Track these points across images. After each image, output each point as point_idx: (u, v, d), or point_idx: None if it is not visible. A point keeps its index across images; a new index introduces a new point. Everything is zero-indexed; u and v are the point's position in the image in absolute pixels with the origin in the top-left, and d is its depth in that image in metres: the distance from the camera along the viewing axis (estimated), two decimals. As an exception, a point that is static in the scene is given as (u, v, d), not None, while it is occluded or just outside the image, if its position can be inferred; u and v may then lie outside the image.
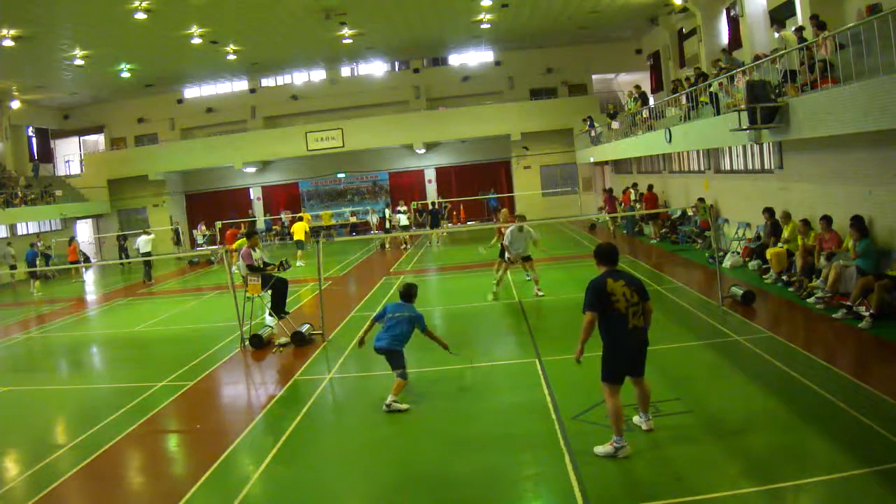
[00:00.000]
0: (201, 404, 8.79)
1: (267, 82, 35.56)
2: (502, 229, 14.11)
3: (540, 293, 13.35)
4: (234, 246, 13.18)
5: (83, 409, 8.93)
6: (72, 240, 26.32)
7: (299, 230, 22.73)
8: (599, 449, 5.88)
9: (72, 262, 24.34)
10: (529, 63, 33.43)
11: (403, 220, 26.33)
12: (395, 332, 7.71)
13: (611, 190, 25.77)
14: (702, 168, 19.60)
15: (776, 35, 13.33)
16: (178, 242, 30.90)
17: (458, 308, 13.42)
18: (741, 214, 16.37)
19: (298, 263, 21.35)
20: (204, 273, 23.85)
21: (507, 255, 13.38)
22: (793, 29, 12.82)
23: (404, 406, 7.51)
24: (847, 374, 7.29)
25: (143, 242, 22.25)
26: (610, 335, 5.91)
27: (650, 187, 22.78)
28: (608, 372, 5.97)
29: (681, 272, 14.99)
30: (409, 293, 8.03)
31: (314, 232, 32.98)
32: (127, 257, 28.73)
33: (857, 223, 10.07)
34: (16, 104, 30.33)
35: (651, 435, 6.23)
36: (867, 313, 9.07)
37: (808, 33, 11.83)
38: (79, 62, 24.73)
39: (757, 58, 13.39)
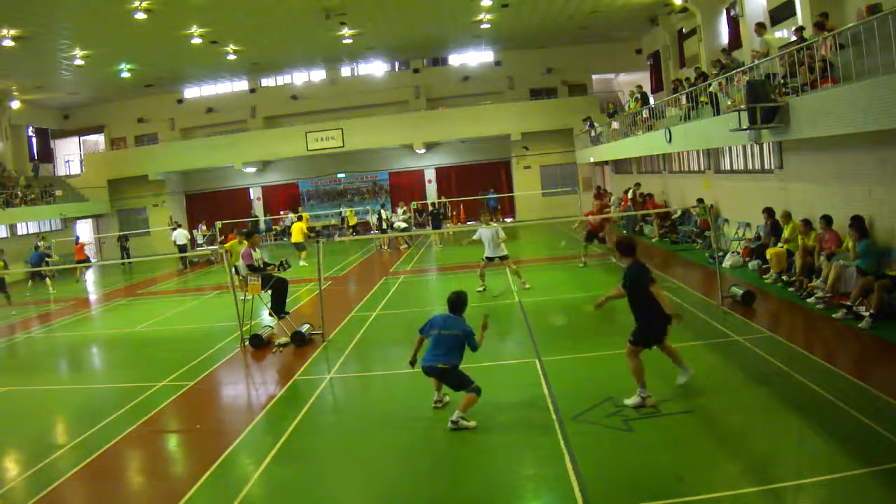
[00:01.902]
0: (201, 404, 8.79)
1: (267, 82, 35.56)
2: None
3: (525, 285, 14.01)
4: (227, 246, 13.19)
5: (83, 409, 8.93)
6: (77, 240, 26.63)
7: (297, 231, 22.54)
8: (629, 400, 6.84)
9: (79, 262, 24.61)
10: (529, 63, 33.41)
11: (400, 224, 26.18)
12: (444, 350, 6.93)
13: (599, 188, 26.01)
14: (702, 168, 19.60)
15: (758, 38, 13.32)
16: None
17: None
18: (741, 214, 16.37)
19: (302, 263, 21.31)
20: (204, 273, 23.85)
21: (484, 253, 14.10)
22: (793, 28, 12.81)
23: (472, 423, 6.76)
24: (847, 374, 7.29)
25: (179, 235, 24.84)
26: (647, 312, 6.92)
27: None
28: (639, 339, 6.98)
29: (681, 272, 15.00)
30: (457, 303, 7.18)
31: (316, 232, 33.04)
32: (128, 257, 28.76)
33: (857, 223, 10.07)
34: (16, 104, 30.32)
35: (651, 435, 6.24)
36: (867, 313, 9.07)
37: (809, 33, 11.83)
38: (79, 62, 24.72)
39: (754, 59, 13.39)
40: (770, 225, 13.53)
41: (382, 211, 28.80)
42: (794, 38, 12.13)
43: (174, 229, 29.36)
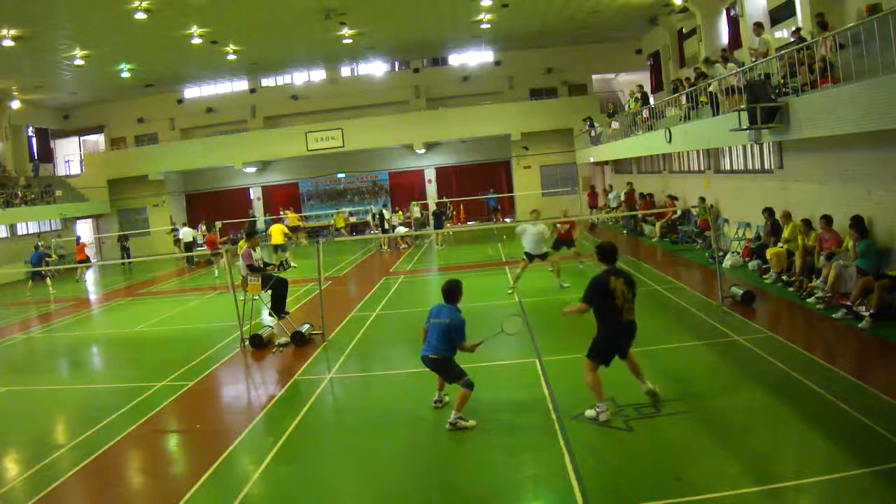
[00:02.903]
0: (201, 404, 8.79)
1: (267, 82, 35.56)
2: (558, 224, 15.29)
3: (565, 285, 13.98)
4: (240, 244, 13.22)
5: (83, 409, 8.93)
6: (79, 240, 26.88)
7: (277, 233, 21.74)
8: (589, 412, 6.65)
9: (80, 262, 24.84)
10: (529, 63, 33.41)
11: (401, 230, 26.17)
12: (435, 339, 6.87)
13: (593, 187, 26.29)
14: (702, 168, 19.60)
15: (756, 38, 13.32)
16: (177, 243, 30.90)
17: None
18: (741, 214, 16.37)
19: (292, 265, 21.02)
20: (204, 273, 23.84)
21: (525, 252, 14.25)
22: (793, 29, 12.80)
23: (471, 423, 6.77)
24: (847, 374, 7.28)
25: (186, 233, 25.77)
26: (606, 326, 6.71)
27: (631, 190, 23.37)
28: (596, 355, 6.76)
29: (681, 272, 14.99)
30: (449, 291, 7.05)
31: (314, 232, 33.05)
32: (129, 257, 28.77)
33: (857, 223, 10.07)
34: (16, 104, 30.32)
35: (651, 435, 6.24)
36: (867, 313, 9.07)
37: (808, 32, 11.82)
38: (79, 62, 24.72)
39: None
40: (770, 225, 13.53)
41: (385, 211, 28.66)
42: (792, 38, 12.12)
43: (174, 229, 29.54)
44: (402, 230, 25.87)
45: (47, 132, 34.76)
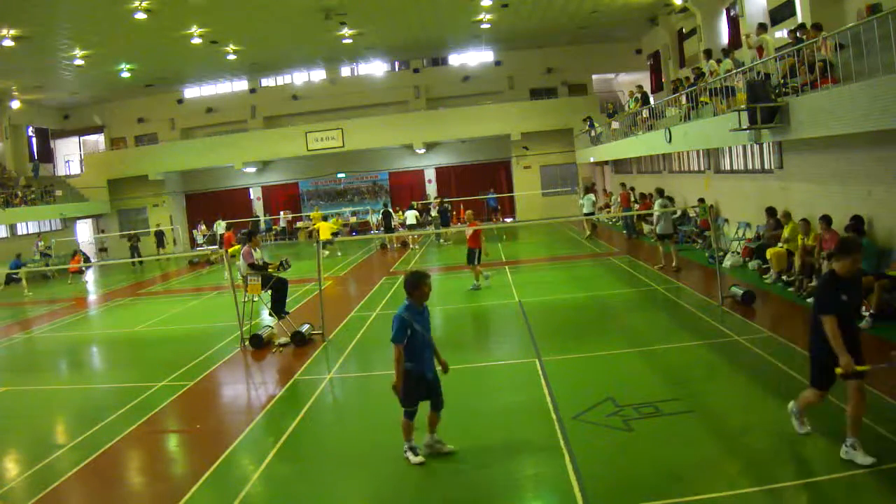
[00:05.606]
0: (201, 404, 8.78)
1: (267, 82, 35.58)
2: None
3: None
4: (232, 250, 13.27)
5: (83, 409, 8.93)
6: (75, 252, 27.11)
7: (325, 230, 23.81)
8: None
9: (74, 273, 24.95)
10: (529, 63, 33.44)
11: (410, 213, 26.38)
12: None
13: (587, 187, 26.63)
14: (702, 168, 19.60)
15: (754, 38, 13.32)
16: (160, 245, 30.78)
17: (459, 308, 13.40)
18: (741, 214, 16.37)
19: (325, 254, 22.49)
20: (204, 273, 23.84)
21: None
22: (790, 30, 12.80)
23: (448, 448, 6.19)
24: (847, 374, 7.27)
25: (222, 227, 27.62)
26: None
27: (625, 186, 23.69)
28: (817, 381, 5.65)
29: (681, 272, 14.98)
30: (405, 284, 6.25)
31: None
32: (139, 255, 28.72)
33: (857, 223, 10.07)
34: (16, 104, 30.34)
35: (651, 435, 6.24)
36: (867, 313, 9.06)
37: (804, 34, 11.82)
38: (79, 62, 24.75)
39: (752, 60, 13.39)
40: (773, 224, 13.53)
41: (394, 214, 27.92)
42: (791, 39, 12.12)
43: (170, 230, 29.87)
44: (411, 214, 26.09)
45: (47, 132, 34.79)
